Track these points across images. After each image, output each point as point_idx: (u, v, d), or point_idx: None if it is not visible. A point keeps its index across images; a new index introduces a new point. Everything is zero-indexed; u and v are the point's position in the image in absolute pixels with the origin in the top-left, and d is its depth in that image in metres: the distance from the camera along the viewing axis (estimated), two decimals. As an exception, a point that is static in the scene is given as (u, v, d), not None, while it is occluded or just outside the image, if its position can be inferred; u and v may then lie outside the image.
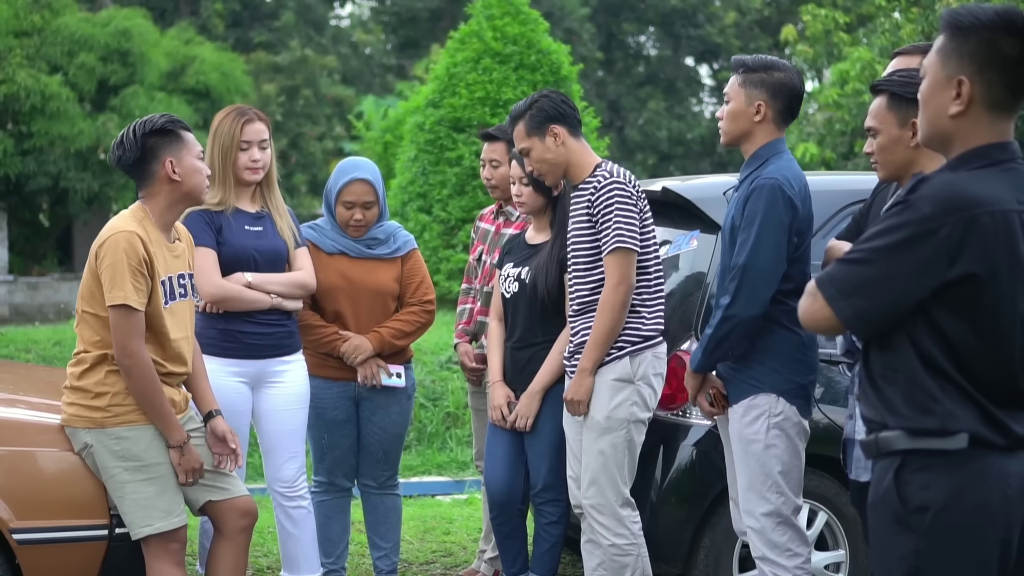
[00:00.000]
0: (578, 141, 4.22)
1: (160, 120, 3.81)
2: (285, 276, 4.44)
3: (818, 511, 4.43)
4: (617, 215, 4.03)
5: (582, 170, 4.18)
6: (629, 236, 4.03)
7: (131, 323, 3.65)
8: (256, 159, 4.43)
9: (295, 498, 4.49)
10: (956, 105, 2.39)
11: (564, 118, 4.18)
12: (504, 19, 11.66)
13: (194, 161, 3.82)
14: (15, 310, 19.11)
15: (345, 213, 4.58)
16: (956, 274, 2.31)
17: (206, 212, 4.36)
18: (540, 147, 4.19)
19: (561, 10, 28.97)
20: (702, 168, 30.40)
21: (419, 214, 11.54)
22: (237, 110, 4.50)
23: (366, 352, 4.57)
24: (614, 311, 4.04)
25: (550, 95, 4.24)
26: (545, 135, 4.17)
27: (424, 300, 4.69)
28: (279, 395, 4.45)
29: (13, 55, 18.82)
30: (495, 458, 4.62)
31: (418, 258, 4.76)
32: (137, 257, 3.66)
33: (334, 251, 4.63)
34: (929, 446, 2.35)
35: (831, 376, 4.44)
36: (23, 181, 19.27)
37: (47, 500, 3.73)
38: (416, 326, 4.67)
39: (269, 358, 4.43)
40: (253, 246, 4.40)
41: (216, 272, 4.32)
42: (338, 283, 4.60)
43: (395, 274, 4.67)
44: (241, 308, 4.36)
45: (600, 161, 4.19)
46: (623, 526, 4.11)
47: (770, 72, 3.83)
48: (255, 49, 28.15)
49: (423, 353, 8.72)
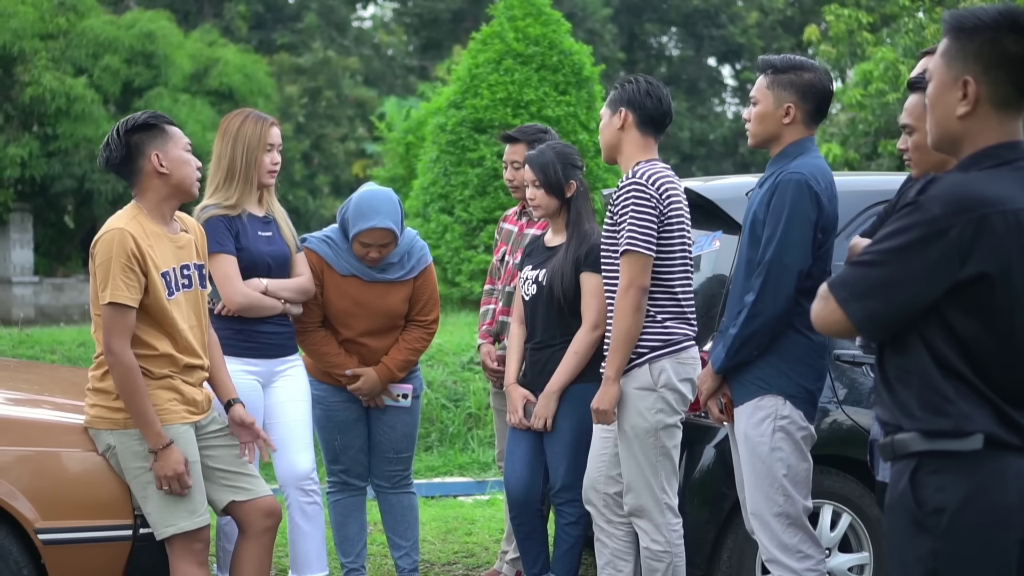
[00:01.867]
0: (643, 136, 4.15)
1: (142, 116, 3.83)
2: (292, 282, 4.51)
3: (842, 513, 4.41)
4: (631, 218, 4.00)
5: (628, 162, 4.15)
6: (641, 239, 3.99)
7: (118, 320, 3.66)
8: (276, 162, 4.52)
9: (311, 492, 4.49)
10: (963, 106, 2.39)
11: (638, 107, 4.13)
12: (526, 20, 11.66)
13: (181, 153, 3.82)
14: (40, 311, 19.23)
15: (361, 250, 4.55)
16: (968, 274, 2.30)
17: (225, 217, 4.39)
18: (606, 119, 4.20)
19: (583, 11, 28.95)
20: (724, 168, 30.32)
21: (441, 215, 11.55)
22: (254, 114, 4.54)
23: (375, 393, 4.66)
24: (625, 315, 4.00)
25: (643, 81, 4.20)
26: (615, 113, 4.16)
27: (428, 321, 4.71)
28: (286, 388, 4.50)
29: (39, 58, 18.96)
30: (515, 458, 4.63)
31: (430, 275, 4.74)
32: (126, 254, 3.66)
33: (347, 273, 4.61)
34: (944, 447, 2.34)
35: (854, 377, 4.43)
36: (48, 183, 19.40)
37: (72, 500, 3.76)
38: (419, 352, 4.72)
39: (278, 357, 4.50)
40: (267, 252, 4.45)
41: (239, 279, 4.36)
42: (350, 308, 4.62)
43: (407, 294, 4.67)
44: (260, 315, 4.42)
45: (642, 160, 4.12)
46: (660, 533, 4.09)
47: (799, 73, 3.79)
48: (278, 51, 28.26)
49: (445, 354, 8.73)
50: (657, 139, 4.20)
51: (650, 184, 4.03)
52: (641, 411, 4.05)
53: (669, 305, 4.09)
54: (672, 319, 4.09)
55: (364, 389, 4.63)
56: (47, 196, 19.95)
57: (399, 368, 4.65)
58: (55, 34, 19.53)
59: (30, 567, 3.68)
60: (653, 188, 4.02)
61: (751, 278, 3.75)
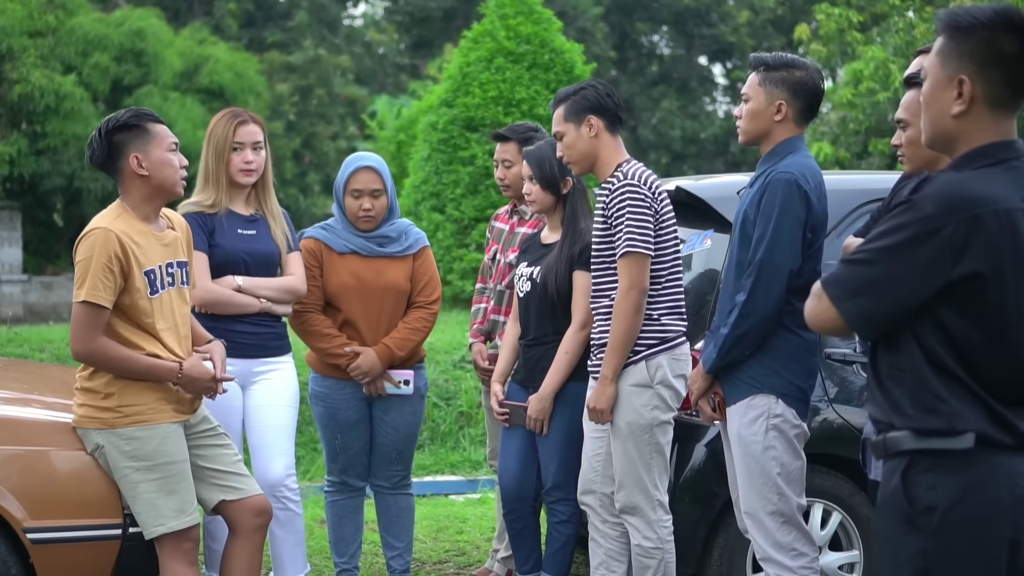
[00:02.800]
0: (613, 137, 4.16)
1: (125, 116, 3.80)
2: (275, 281, 4.47)
3: (832, 511, 4.42)
4: (629, 219, 3.99)
5: (608, 167, 4.14)
6: (641, 240, 3.99)
7: (90, 319, 3.65)
8: (249, 160, 4.46)
9: (281, 499, 4.43)
10: (958, 105, 2.39)
11: (604, 111, 4.13)
12: (517, 18, 11.66)
13: (163, 154, 3.78)
14: (29, 309, 19.16)
15: (353, 203, 4.58)
16: (961, 273, 2.31)
17: (200, 215, 4.39)
18: (574, 134, 4.14)
19: (574, 9, 28.93)
20: (715, 167, 30.32)
21: (432, 213, 11.54)
22: (232, 112, 4.54)
23: (375, 373, 4.59)
24: (627, 316, 4.00)
25: (597, 85, 4.20)
26: (581, 123, 4.12)
27: (429, 301, 4.70)
28: (265, 391, 4.46)
29: (27, 55, 18.89)
30: (508, 454, 4.64)
31: (428, 256, 4.76)
32: (108, 255, 3.65)
33: (345, 251, 4.64)
34: (936, 446, 2.35)
35: (845, 376, 4.43)
36: (37, 181, 19.33)
37: (61, 499, 3.75)
38: (421, 332, 4.68)
39: (256, 358, 4.45)
40: (244, 249, 4.42)
41: (205, 275, 4.34)
42: (350, 283, 4.61)
43: (406, 272, 4.67)
44: (230, 311, 4.39)
45: (623, 160, 4.14)
46: (651, 529, 4.10)
47: (791, 70, 3.80)
48: (268, 49, 28.19)
49: (436, 352, 8.72)
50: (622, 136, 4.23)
51: (643, 184, 4.03)
52: (636, 407, 4.05)
53: (665, 301, 4.10)
54: (667, 315, 4.10)
55: (364, 367, 4.57)
56: (36, 194, 19.87)
57: (399, 347, 4.60)
58: (44, 32, 19.46)
59: (18, 567, 3.66)
60: (647, 188, 4.03)
61: (742, 278, 3.75)
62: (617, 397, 4.07)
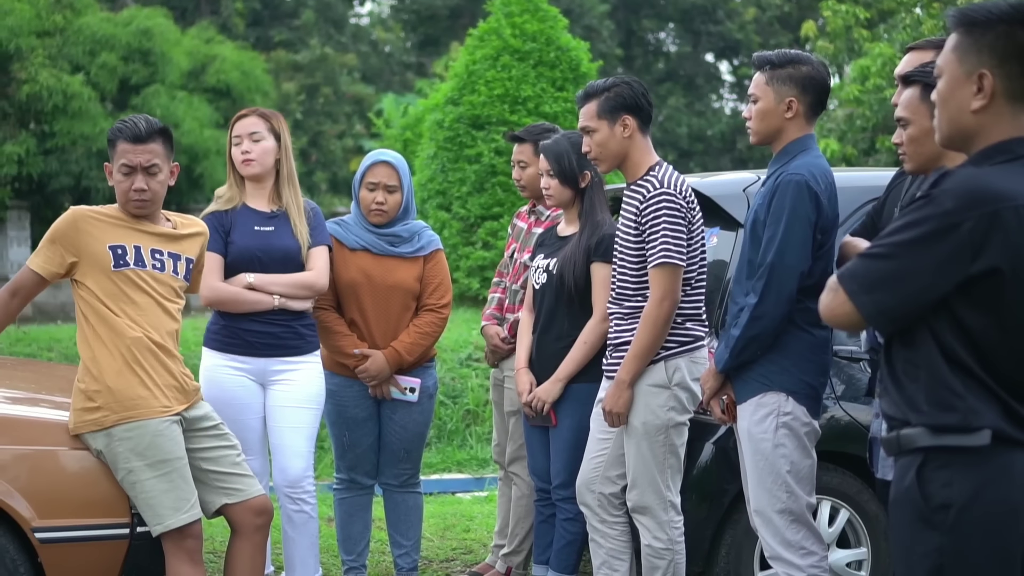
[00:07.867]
0: (644, 138, 4.12)
1: (114, 126, 3.89)
2: (290, 277, 4.43)
3: (840, 508, 4.41)
4: (665, 228, 3.96)
5: (638, 168, 4.10)
6: (676, 251, 3.96)
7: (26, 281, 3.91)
8: (247, 151, 4.47)
9: (297, 500, 4.45)
10: (979, 100, 2.38)
11: (639, 110, 4.09)
12: (523, 16, 11.64)
13: (116, 173, 3.87)
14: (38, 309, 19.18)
15: (368, 196, 4.60)
16: (979, 269, 2.30)
17: (217, 215, 4.44)
18: (607, 132, 4.08)
19: (580, 7, 28.91)
20: (722, 165, 30.29)
21: (438, 211, 11.53)
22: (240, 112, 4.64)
23: (382, 377, 4.61)
24: (656, 325, 3.98)
25: (632, 83, 4.13)
26: (616, 122, 4.07)
27: (440, 305, 4.70)
28: (285, 393, 4.45)
29: (35, 55, 18.91)
30: (534, 448, 4.68)
31: (441, 259, 4.75)
32: (61, 230, 3.81)
33: (357, 247, 4.65)
34: (951, 443, 2.33)
35: (852, 373, 4.42)
36: (45, 180, 19.35)
37: (69, 499, 3.75)
38: (430, 336, 4.68)
39: (273, 357, 4.43)
40: (259, 246, 4.42)
41: (213, 275, 4.35)
42: (359, 279, 4.61)
43: (417, 273, 4.67)
44: (242, 309, 4.39)
45: (656, 162, 4.10)
46: (662, 530, 4.09)
47: (797, 66, 3.78)
48: (275, 48, 28.22)
49: (443, 351, 8.72)
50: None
51: (679, 192, 4.00)
52: (653, 408, 4.04)
53: (689, 307, 4.08)
54: (690, 320, 4.09)
55: (371, 371, 4.58)
56: (44, 194, 19.90)
57: (408, 351, 4.60)
58: (52, 31, 19.47)
59: (27, 566, 3.67)
60: (682, 197, 4.00)
61: (752, 279, 3.74)
62: (634, 397, 4.06)
